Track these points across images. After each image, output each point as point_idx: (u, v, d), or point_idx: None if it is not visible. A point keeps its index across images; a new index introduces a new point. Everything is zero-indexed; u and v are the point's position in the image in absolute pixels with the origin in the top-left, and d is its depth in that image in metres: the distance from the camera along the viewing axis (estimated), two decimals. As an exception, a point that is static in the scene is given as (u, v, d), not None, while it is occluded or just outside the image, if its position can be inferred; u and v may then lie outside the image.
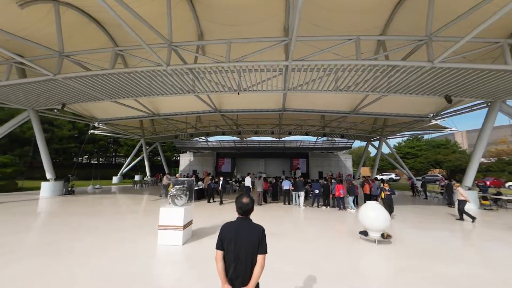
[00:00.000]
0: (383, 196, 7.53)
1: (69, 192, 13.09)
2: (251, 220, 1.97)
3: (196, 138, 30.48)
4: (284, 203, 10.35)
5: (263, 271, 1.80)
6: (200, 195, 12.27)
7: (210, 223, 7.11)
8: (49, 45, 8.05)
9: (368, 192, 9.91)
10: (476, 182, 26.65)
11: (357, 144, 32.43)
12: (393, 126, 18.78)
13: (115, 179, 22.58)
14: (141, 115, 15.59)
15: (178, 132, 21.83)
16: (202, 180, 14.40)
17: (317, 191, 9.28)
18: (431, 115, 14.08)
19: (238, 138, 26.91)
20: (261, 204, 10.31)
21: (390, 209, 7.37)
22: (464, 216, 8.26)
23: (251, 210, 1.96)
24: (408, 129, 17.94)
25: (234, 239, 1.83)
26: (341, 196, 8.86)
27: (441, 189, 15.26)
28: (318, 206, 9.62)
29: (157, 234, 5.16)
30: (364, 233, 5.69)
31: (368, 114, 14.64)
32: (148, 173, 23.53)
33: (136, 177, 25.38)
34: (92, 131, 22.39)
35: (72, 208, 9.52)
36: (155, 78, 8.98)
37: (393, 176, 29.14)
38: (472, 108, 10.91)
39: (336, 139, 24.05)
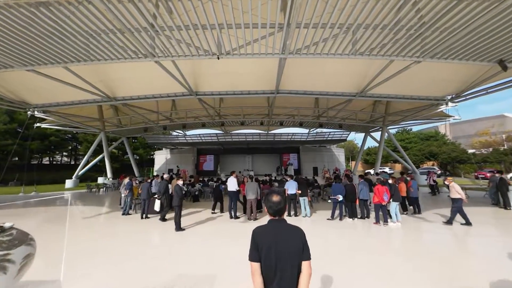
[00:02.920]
0: None
1: (-29, 206, 9.01)
2: (285, 220, 1.61)
3: (174, 133, 26.78)
4: (289, 215, 7.36)
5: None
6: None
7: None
8: None
9: (404, 194, 7.23)
10: (475, 173, 26.04)
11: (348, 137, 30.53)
12: (396, 115, 16.76)
13: (68, 183, 18.29)
14: (92, 99, 11.91)
15: (148, 124, 18.16)
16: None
17: (340, 197, 6.37)
18: (449, 97, 12.00)
19: (221, 131, 23.68)
20: (256, 219, 7.04)
21: None
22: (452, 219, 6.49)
23: (284, 209, 1.62)
24: (412, 117, 15.97)
25: (274, 245, 1.47)
26: (383, 203, 6.06)
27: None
28: (340, 219, 6.87)
29: None
30: None
31: (377, 97, 12.25)
32: (109, 174, 19.36)
33: (100, 180, 21.29)
34: (39, 124, 18.04)
35: None
36: (96, 33, 5.75)
37: (386, 170, 27.70)
38: (515, 83, 8.81)
39: (330, 130, 21.78)
